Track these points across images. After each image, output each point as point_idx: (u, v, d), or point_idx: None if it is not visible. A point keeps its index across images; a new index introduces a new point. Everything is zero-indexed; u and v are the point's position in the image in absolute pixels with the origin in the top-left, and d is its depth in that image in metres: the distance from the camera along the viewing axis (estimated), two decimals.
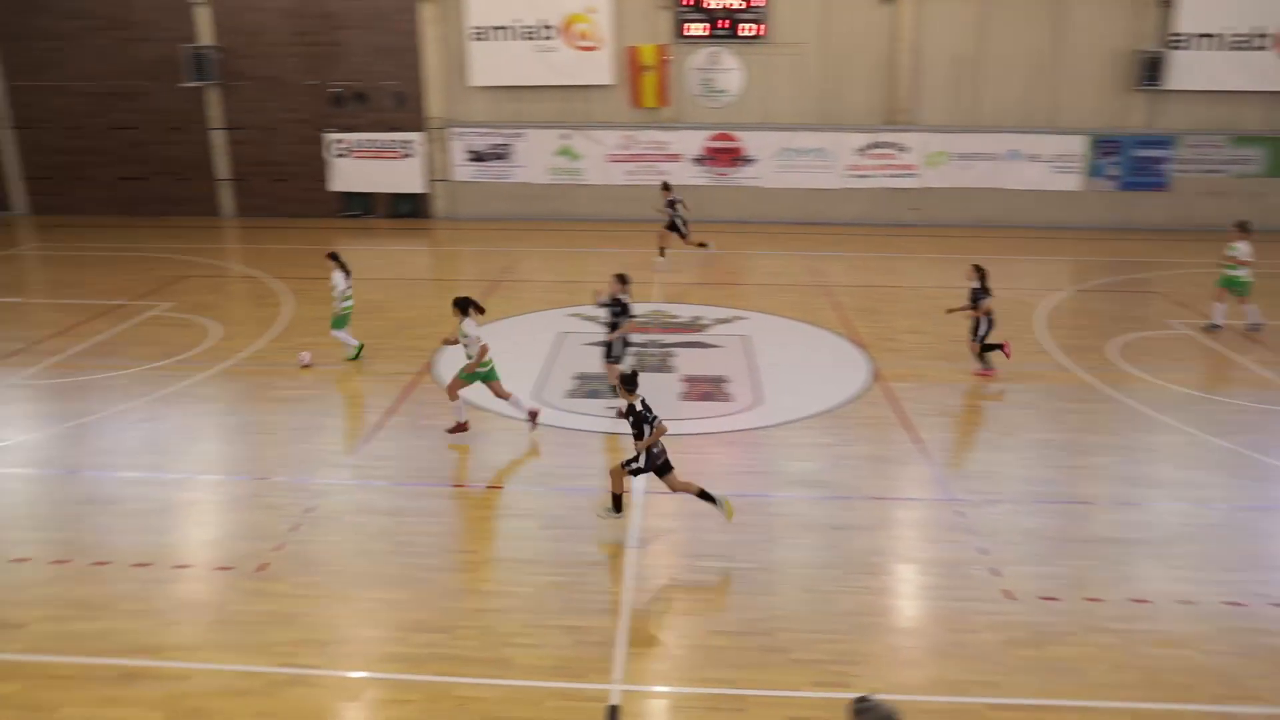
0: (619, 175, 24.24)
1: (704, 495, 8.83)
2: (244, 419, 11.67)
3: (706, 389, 12.59)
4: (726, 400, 12.24)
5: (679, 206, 19.26)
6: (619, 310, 11.62)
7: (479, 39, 23.78)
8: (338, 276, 13.28)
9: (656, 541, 8.78)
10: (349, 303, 13.41)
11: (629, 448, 10.78)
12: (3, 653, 7.21)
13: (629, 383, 8.77)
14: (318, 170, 24.98)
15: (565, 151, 24.33)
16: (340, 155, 24.71)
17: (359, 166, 24.73)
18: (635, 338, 14.49)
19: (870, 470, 10.39)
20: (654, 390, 12.44)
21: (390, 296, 17.07)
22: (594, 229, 23.11)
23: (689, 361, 13.61)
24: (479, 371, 10.89)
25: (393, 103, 24.46)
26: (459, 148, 24.53)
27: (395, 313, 15.95)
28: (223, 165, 25.33)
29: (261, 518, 9.21)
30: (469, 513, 9.36)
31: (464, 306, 10.74)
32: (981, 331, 13.07)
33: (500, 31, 23.71)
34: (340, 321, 13.39)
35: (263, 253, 20.97)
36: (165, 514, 9.32)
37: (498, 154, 24.50)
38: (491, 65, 23.86)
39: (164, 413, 11.79)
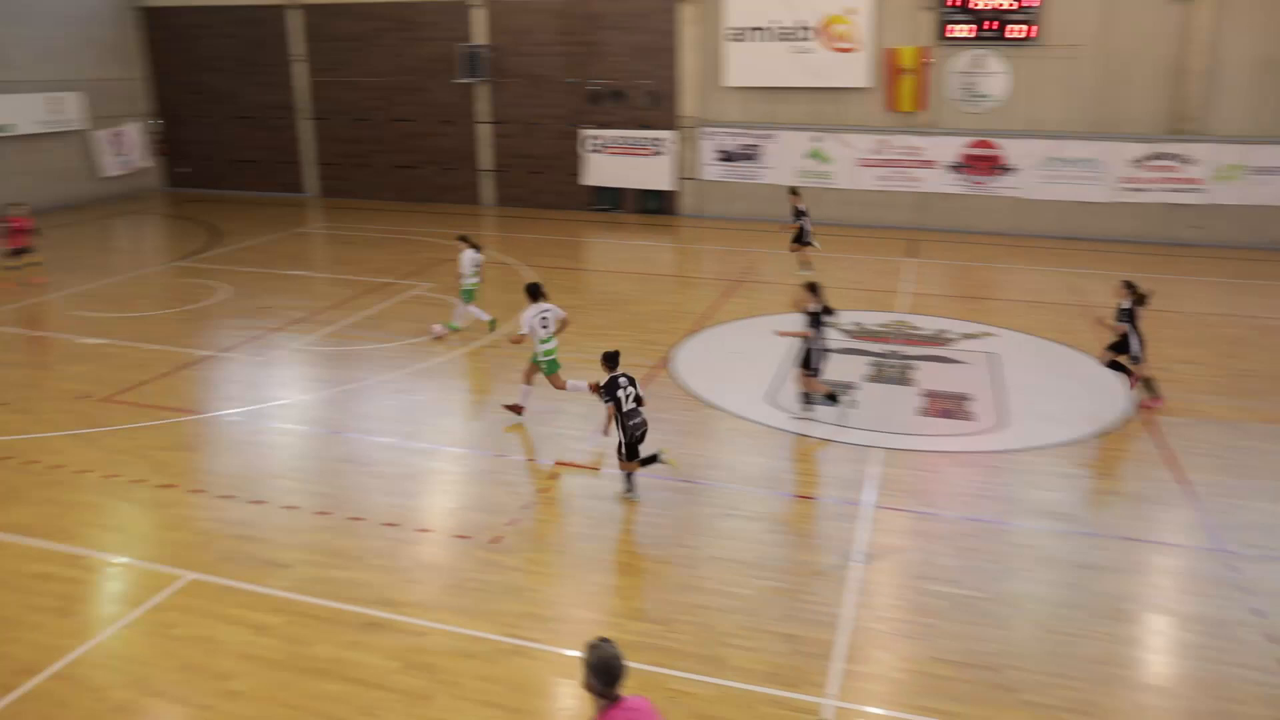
0: (868, 180, 23.67)
1: (646, 461, 9.45)
2: (489, 397, 12.31)
3: (947, 406, 12.06)
4: (968, 419, 11.66)
5: (806, 218, 18.77)
6: (810, 321, 11.22)
7: (736, 40, 23.90)
8: (465, 256, 14.39)
9: (884, 559, 8.50)
10: (475, 280, 14.46)
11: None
12: (273, 588, 7.99)
13: (609, 361, 9.41)
14: (572, 165, 26.01)
15: (816, 154, 24.03)
16: (594, 151, 25.59)
17: (611, 162, 25.52)
18: (874, 348, 14.10)
19: (1125, 508, 9.58)
20: (891, 403, 12.07)
21: (633, 290, 17.51)
22: (839, 234, 22.68)
23: (931, 376, 13.08)
24: (539, 359, 11.15)
25: (647, 101, 25.06)
26: (709, 147, 24.78)
27: (637, 306, 16.33)
28: (486, 157, 26.88)
29: (498, 493, 9.68)
30: (695, 509, 9.43)
31: (533, 293, 11.17)
32: (1134, 351, 11.84)
33: (757, 33, 23.73)
34: (468, 296, 14.51)
35: (516, 241, 22.02)
36: (413, 479, 9.99)
37: (747, 154, 24.56)
38: (746, 66, 23.93)
39: (418, 386, 12.61)
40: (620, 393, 9.20)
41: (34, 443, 10.86)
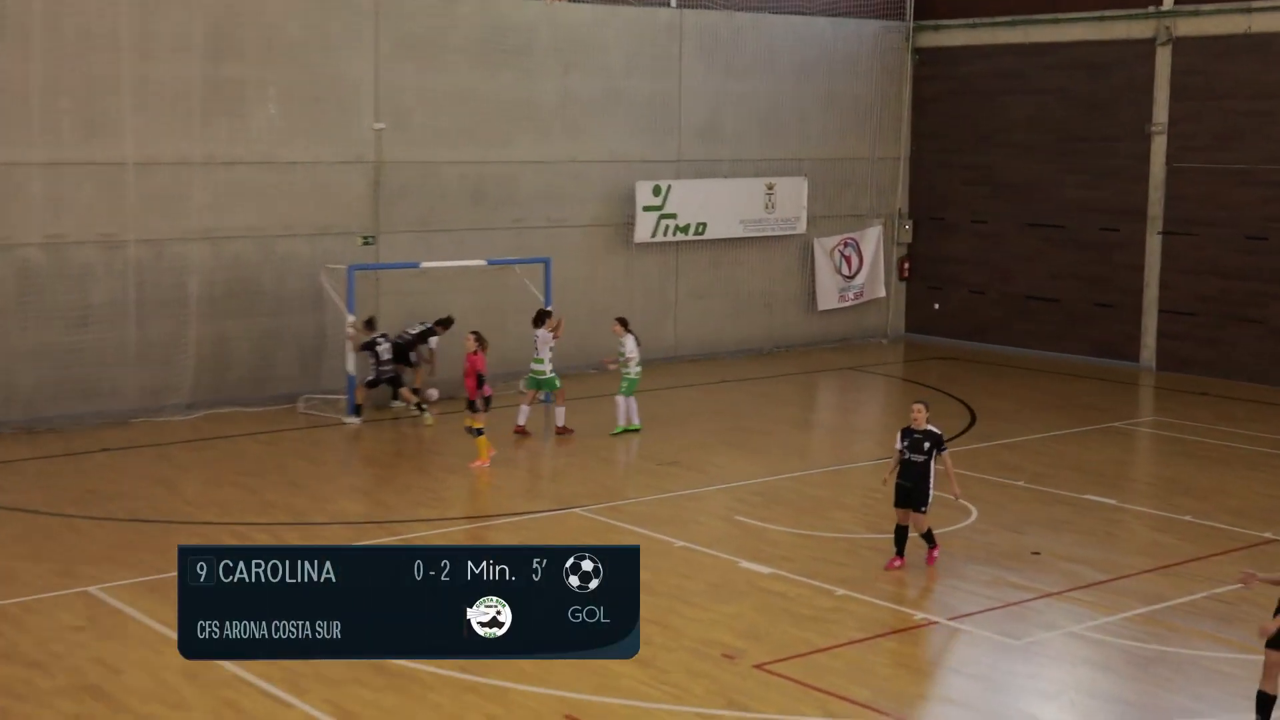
0: None
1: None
2: None
3: None
4: None
5: (382, 348, 22.69)
6: None
7: None
8: (628, 341, 21.37)
9: None
10: (635, 370, 21.46)
11: None
12: None
13: (370, 324, 22.60)
14: None
15: None
16: None
17: None
18: None
19: None
20: None
21: None
22: None
23: None
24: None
25: None
26: None
27: None
28: None
29: None
30: None
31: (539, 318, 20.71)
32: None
33: None
34: (625, 388, 21.53)
35: None
36: None
37: None
38: None
39: None
40: (378, 348, 22.02)
41: (650, 716, 11.34)
